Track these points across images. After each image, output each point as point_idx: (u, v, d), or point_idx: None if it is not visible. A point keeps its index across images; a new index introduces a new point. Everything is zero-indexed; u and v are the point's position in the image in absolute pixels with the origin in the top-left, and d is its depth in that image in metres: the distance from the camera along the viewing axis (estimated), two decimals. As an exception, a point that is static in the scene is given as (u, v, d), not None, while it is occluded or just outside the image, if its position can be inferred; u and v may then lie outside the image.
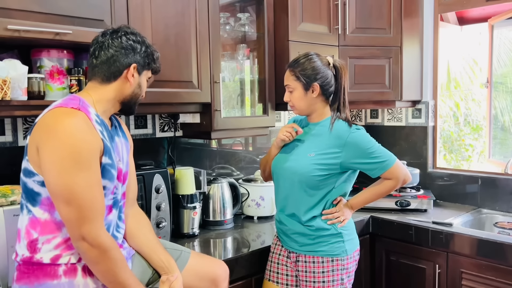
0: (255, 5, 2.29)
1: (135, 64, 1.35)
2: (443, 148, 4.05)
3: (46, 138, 1.18)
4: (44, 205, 1.23)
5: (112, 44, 1.33)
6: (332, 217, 1.70)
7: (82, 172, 1.18)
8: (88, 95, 1.32)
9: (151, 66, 1.41)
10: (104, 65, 1.33)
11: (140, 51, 1.36)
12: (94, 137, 1.23)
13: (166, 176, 1.94)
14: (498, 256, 1.97)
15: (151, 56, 1.39)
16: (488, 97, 3.21)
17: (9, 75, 1.42)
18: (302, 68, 1.69)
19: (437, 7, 2.75)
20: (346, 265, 1.71)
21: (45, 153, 1.18)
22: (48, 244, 1.24)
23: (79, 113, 1.22)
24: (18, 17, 1.42)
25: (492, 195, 2.54)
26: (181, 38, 1.85)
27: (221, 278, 1.58)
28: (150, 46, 1.40)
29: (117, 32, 1.35)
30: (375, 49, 2.52)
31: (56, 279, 1.22)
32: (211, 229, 2.19)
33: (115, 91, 1.34)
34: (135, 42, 1.35)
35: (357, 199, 1.79)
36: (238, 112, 2.37)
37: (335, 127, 1.70)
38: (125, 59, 1.33)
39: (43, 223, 1.24)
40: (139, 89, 1.40)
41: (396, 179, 1.71)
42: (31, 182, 1.23)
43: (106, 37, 1.34)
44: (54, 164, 1.17)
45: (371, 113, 3.09)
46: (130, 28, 1.38)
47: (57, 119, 1.20)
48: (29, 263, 1.24)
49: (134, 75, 1.36)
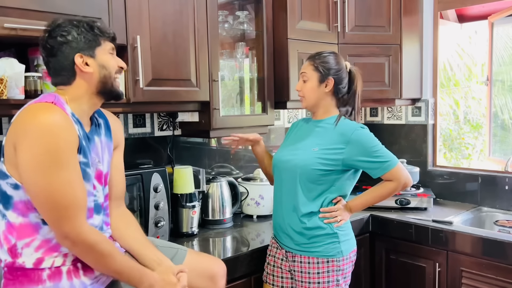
0: (253, 3, 2.28)
1: (79, 54, 1.24)
2: (443, 146, 4.05)
3: (22, 135, 1.14)
4: (17, 209, 1.20)
5: (47, 54, 1.25)
6: (329, 216, 1.69)
7: (59, 170, 1.14)
8: (62, 94, 1.26)
9: (98, 40, 1.27)
10: (56, 75, 1.27)
11: (75, 39, 1.24)
12: (71, 132, 1.18)
13: (164, 175, 1.93)
14: (498, 255, 1.96)
15: (90, 32, 1.26)
16: (488, 95, 3.21)
17: (6, 74, 1.41)
18: (323, 61, 1.72)
19: (437, 4, 2.74)
20: (342, 266, 1.69)
21: (22, 151, 1.13)
22: (28, 248, 1.20)
23: (55, 107, 1.17)
24: (15, 15, 1.41)
25: (492, 193, 2.53)
26: (179, 36, 1.85)
27: (218, 275, 1.57)
28: (81, 21, 1.26)
29: (42, 39, 1.26)
30: (375, 47, 2.51)
31: (41, 283, 1.19)
32: (210, 228, 2.19)
33: (82, 86, 1.27)
34: (62, 36, 1.23)
35: (357, 202, 1.77)
36: (237, 111, 2.36)
37: (340, 123, 1.71)
38: (67, 56, 1.24)
39: (19, 228, 1.20)
40: (105, 69, 1.28)
41: (397, 181, 1.70)
42: (4, 184, 1.20)
43: (41, 49, 1.28)
44: (31, 162, 1.13)
45: (370, 112, 3.08)
46: (53, 23, 1.26)
47: (33, 115, 1.16)
48: (13, 269, 1.21)
49: (88, 62, 1.25)
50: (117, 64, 1.32)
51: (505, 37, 3.25)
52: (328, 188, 1.69)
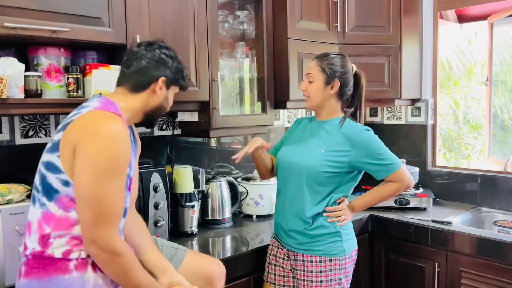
0: (253, 3, 2.28)
1: (164, 78, 1.37)
2: (443, 146, 4.04)
3: (87, 139, 1.18)
4: (61, 203, 1.22)
5: (145, 56, 1.36)
6: (334, 215, 1.71)
7: (113, 179, 1.20)
8: (118, 102, 1.33)
9: (179, 82, 1.43)
10: (135, 75, 1.36)
11: (171, 66, 1.39)
12: (129, 146, 1.25)
13: (164, 174, 1.93)
14: (498, 255, 1.96)
15: (181, 72, 1.43)
16: (488, 95, 3.21)
17: (5, 73, 1.41)
18: (330, 62, 1.72)
19: (437, 4, 2.74)
20: (344, 265, 1.71)
21: (83, 154, 1.18)
22: (60, 239, 1.23)
23: (120, 120, 1.24)
24: (15, 15, 1.41)
25: (492, 194, 2.53)
26: (179, 36, 1.84)
27: (217, 277, 1.58)
28: (182, 62, 1.43)
29: (151, 44, 1.39)
30: (375, 47, 2.51)
31: (68, 273, 1.22)
32: (210, 228, 2.19)
33: (141, 101, 1.37)
34: (168, 56, 1.39)
35: (359, 201, 1.80)
36: (237, 111, 2.36)
37: (345, 125, 1.72)
38: (156, 71, 1.36)
39: (58, 219, 1.23)
40: (166, 102, 1.42)
41: (401, 183, 1.73)
42: (53, 178, 1.22)
43: (141, 48, 1.38)
44: (90, 166, 1.17)
45: (370, 112, 3.08)
46: (164, 43, 1.42)
47: (100, 122, 1.21)
48: (40, 258, 1.23)
49: (162, 89, 1.38)
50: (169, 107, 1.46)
51: (505, 37, 3.25)
52: (333, 190, 1.71)
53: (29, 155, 1.83)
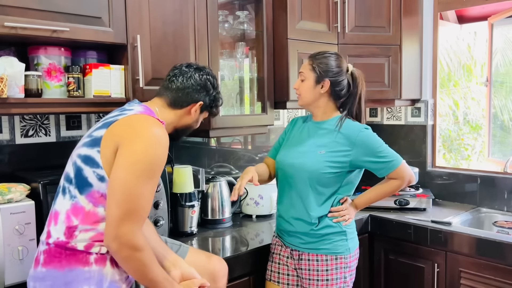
0: (254, 3, 2.28)
1: (202, 103, 1.47)
2: (443, 147, 4.04)
3: (133, 139, 1.24)
4: (92, 197, 1.25)
5: (192, 77, 1.46)
6: (338, 215, 1.72)
7: (150, 180, 1.25)
8: (156, 112, 1.40)
9: (212, 110, 1.54)
10: (178, 92, 1.44)
11: (211, 94, 1.49)
12: (166, 152, 1.31)
13: (164, 174, 1.93)
14: (497, 255, 1.96)
15: (217, 101, 1.53)
16: (488, 96, 3.21)
17: (6, 73, 1.41)
18: (321, 62, 1.72)
19: (437, 5, 2.74)
20: (349, 263, 1.72)
21: (126, 152, 1.22)
22: (85, 233, 1.25)
23: (163, 127, 1.32)
24: (15, 14, 1.41)
25: (491, 194, 2.54)
26: (179, 36, 1.85)
27: (220, 273, 1.58)
28: (220, 93, 1.55)
29: (201, 69, 1.49)
30: (374, 48, 2.51)
31: (88, 266, 1.24)
32: (210, 228, 2.19)
33: (176, 117, 1.45)
34: (211, 84, 1.49)
35: (362, 199, 1.81)
36: (237, 111, 2.36)
37: (344, 125, 1.72)
38: (197, 95, 1.46)
39: (87, 213, 1.25)
40: (195, 124, 1.52)
41: (402, 179, 1.74)
42: (90, 171, 1.25)
43: (191, 69, 1.48)
44: (131, 165, 1.22)
45: (370, 112, 3.08)
46: (212, 71, 1.53)
47: (146, 125, 1.28)
48: (63, 247, 1.25)
49: (197, 111, 1.48)
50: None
51: (505, 38, 3.25)
52: (337, 189, 1.72)
53: (29, 154, 1.83)
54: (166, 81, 1.47)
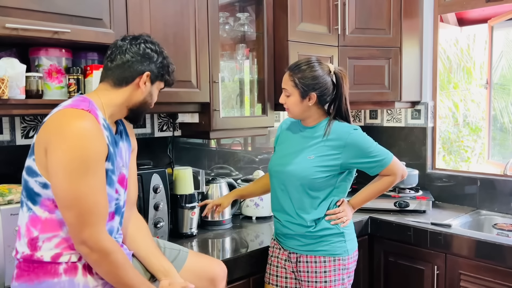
0: (254, 5, 2.29)
1: (149, 73, 1.35)
2: (442, 149, 4.05)
3: (55, 140, 1.17)
4: (44, 206, 1.23)
5: (130, 50, 1.33)
6: (335, 218, 1.71)
7: (88, 177, 1.18)
8: (97, 98, 1.31)
9: (164, 77, 1.41)
10: (119, 69, 1.33)
11: (156, 61, 1.37)
12: (102, 142, 1.23)
13: (164, 176, 1.93)
14: (497, 258, 1.96)
15: (167, 67, 1.40)
16: (488, 98, 3.21)
17: (7, 74, 1.41)
18: (302, 76, 1.67)
19: (437, 7, 2.75)
20: (347, 265, 1.72)
21: (53, 155, 1.17)
22: (48, 243, 1.23)
23: (89, 116, 1.21)
24: (17, 16, 1.41)
25: (491, 197, 2.54)
26: (180, 38, 1.85)
27: (219, 277, 1.58)
28: (167, 58, 1.41)
29: (137, 38, 1.36)
30: (375, 50, 2.51)
31: (57, 277, 1.22)
32: (210, 229, 2.19)
33: (124, 96, 1.34)
34: (153, 51, 1.36)
35: (358, 198, 1.82)
36: (237, 112, 2.36)
37: (333, 128, 1.70)
38: (140, 66, 1.34)
39: (44, 221, 1.23)
40: (150, 98, 1.40)
41: (395, 175, 1.75)
42: (33, 182, 1.22)
43: (126, 42, 1.35)
44: (61, 167, 1.16)
45: (370, 114, 3.08)
46: (150, 37, 1.39)
47: (67, 120, 1.19)
48: (30, 261, 1.23)
49: (146, 84, 1.36)
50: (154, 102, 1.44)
51: (505, 40, 3.26)
52: (331, 191, 1.71)
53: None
54: (105, 62, 1.36)
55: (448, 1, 2.74)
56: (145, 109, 1.41)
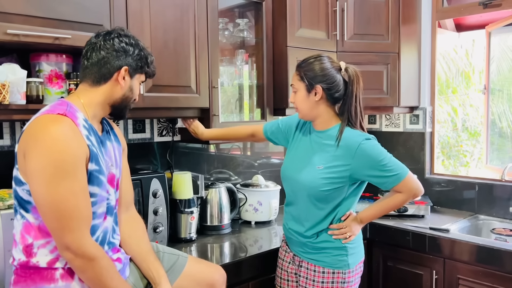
0: (254, 11, 2.30)
1: (127, 67, 1.32)
2: (441, 153, 4.06)
3: (31, 145, 1.17)
4: (35, 213, 1.22)
5: (104, 46, 1.30)
6: (339, 233, 1.65)
7: (65, 181, 1.16)
8: (77, 99, 1.30)
9: (144, 69, 1.37)
10: (95, 67, 1.30)
11: (133, 54, 1.33)
12: (79, 144, 1.20)
13: (163, 180, 1.94)
14: (495, 263, 1.97)
15: (145, 59, 1.36)
16: (486, 103, 3.22)
17: (8, 79, 1.42)
18: (308, 68, 1.62)
19: (435, 14, 2.77)
20: (347, 279, 1.66)
21: (30, 161, 1.17)
22: (43, 249, 1.23)
23: (65, 119, 1.20)
24: (18, 22, 1.42)
25: (489, 201, 2.54)
26: (180, 43, 1.86)
27: (218, 283, 1.58)
28: (144, 49, 1.37)
29: (110, 34, 1.33)
30: (373, 55, 2.53)
31: (53, 282, 1.22)
32: (209, 234, 2.19)
33: (104, 94, 1.32)
34: (128, 44, 1.32)
35: (367, 213, 1.72)
36: (236, 117, 2.37)
37: (344, 137, 1.61)
38: (117, 61, 1.30)
39: (37, 228, 1.23)
40: (131, 92, 1.37)
41: (407, 193, 1.64)
42: (21, 190, 1.22)
43: (99, 38, 1.32)
44: (38, 172, 1.16)
45: (369, 119, 3.09)
46: (124, 31, 1.35)
47: (43, 126, 1.19)
48: (26, 267, 1.23)
49: (126, 78, 1.33)
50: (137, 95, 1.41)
51: (502, 46, 3.28)
52: (339, 203, 1.65)
53: (29, 160, 1.83)
54: (82, 61, 1.33)
55: (446, 7, 2.76)
56: (128, 104, 1.39)
